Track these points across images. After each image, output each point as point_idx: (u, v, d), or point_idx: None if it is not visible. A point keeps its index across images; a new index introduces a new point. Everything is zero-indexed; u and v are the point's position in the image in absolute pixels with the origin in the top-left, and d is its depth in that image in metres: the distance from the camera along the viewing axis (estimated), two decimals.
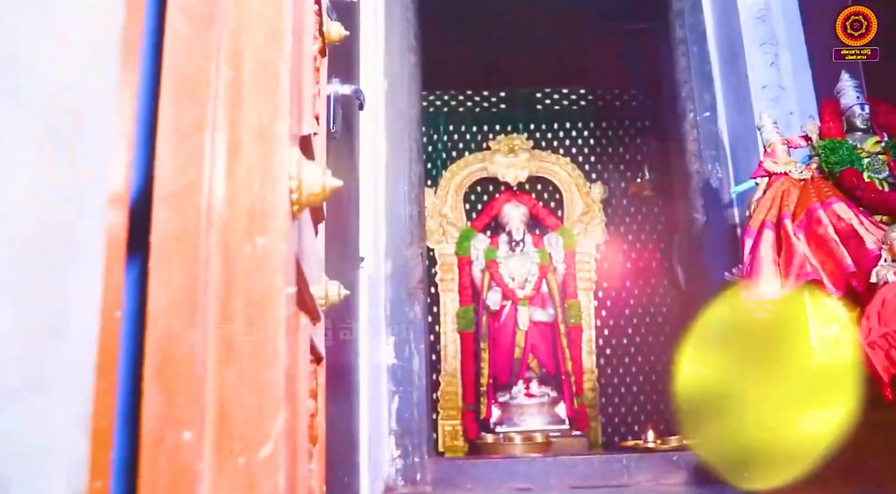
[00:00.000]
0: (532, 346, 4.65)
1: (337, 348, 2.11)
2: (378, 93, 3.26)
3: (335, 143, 2.26)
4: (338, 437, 2.15)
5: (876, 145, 2.44)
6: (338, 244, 2.31)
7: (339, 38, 1.39)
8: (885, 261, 1.89)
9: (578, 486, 2.89)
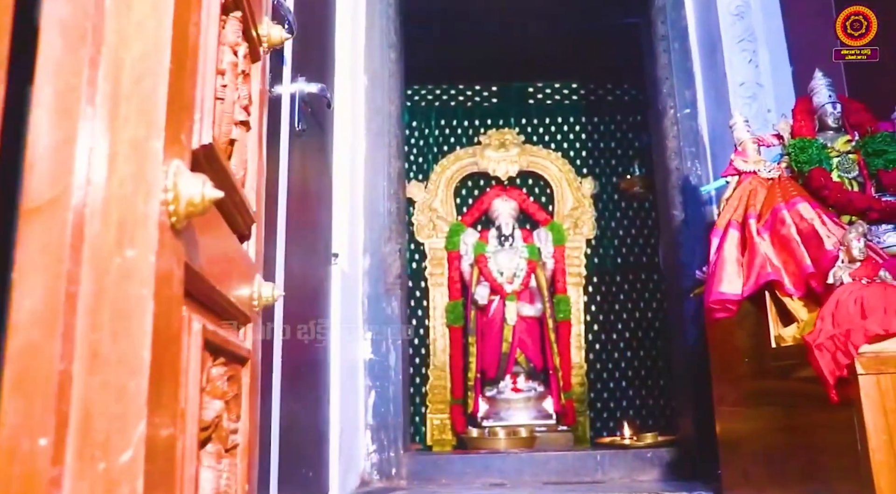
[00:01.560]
0: (520, 341, 4.66)
1: (298, 345, 2.13)
2: (358, 90, 3.27)
3: (306, 141, 2.28)
4: (301, 433, 2.18)
5: (846, 144, 2.43)
6: (307, 241, 2.33)
7: (281, 41, 1.40)
8: (843, 263, 1.88)
9: (552, 482, 2.91)
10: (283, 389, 1.92)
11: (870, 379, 1.57)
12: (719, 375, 2.42)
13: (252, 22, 1.20)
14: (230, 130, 1.06)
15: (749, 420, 2.23)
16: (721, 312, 2.16)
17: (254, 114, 1.25)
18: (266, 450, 1.77)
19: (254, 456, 1.20)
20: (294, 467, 2.08)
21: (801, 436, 1.86)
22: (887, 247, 2.12)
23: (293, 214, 2.07)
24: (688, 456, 2.90)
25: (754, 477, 2.20)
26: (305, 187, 2.32)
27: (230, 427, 1.08)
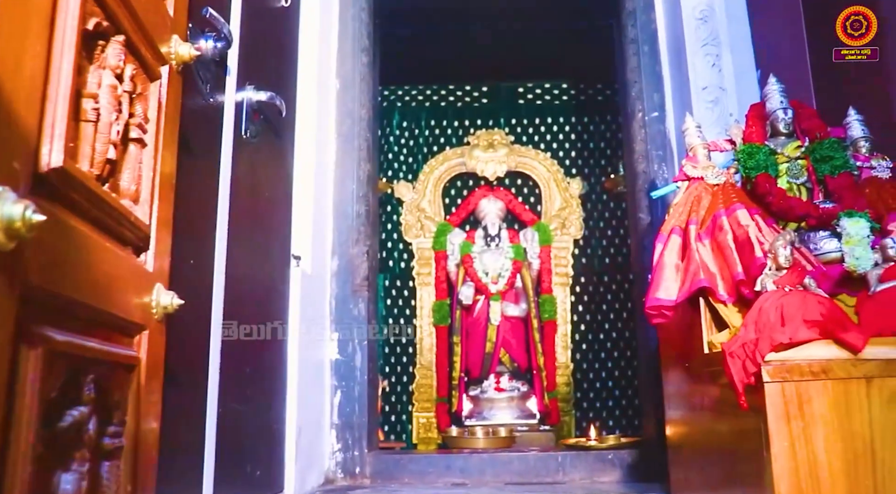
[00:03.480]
0: (504, 341, 4.70)
1: (245, 347, 2.18)
2: (330, 94, 3.32)
3: (258, 147, 2.34)
4: (248, 432, 2.23)
5: (796, 150, 2.44)
6: (258, 245, 2.39)
7: (190, 58, 1.45)
8: (770, 270, 1.90)
9: (513, 482, 2.94)
10: (224, 390, 1.97)
11: (775, 386, 1.59)
12: (667, 379, 2.44)
13: (145, 43, 1.25)
14: (106, 150, 1.11)
15: (688, 424, 2.25)
16: (658, 318, 2.18)
17: (150, 130, 1.30)
18: (198, 450, 1.82)
19: (145, 457, 1.26)
20: (237, 466, 2.13)
21: (726, 442, 1.89)
22: (824, 253, 2.13)
23: (240, 219, 2.12)
24: (649, 458, 2.92)
25: (693, 482, 2.23)
26: (257, 192, 2.37)
27: (108, 431, 1.13)
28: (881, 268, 1.90)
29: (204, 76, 1.88)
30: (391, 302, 5.15)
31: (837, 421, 1.57)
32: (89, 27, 1.03)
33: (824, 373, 1.60)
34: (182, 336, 1.74)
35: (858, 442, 1.55)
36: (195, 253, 1.84)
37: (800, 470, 1.55)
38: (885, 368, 1.59)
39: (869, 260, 1.95)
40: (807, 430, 1.56)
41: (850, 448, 1.55)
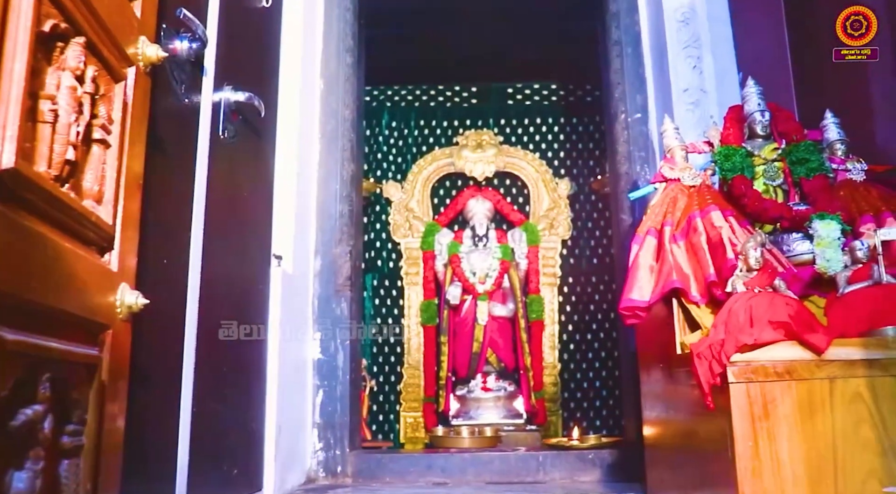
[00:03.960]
0: (491, 341, 4.71)
1: (222, 346, 2.19)
2: (314, 94, 3.33)
3: (236, 147, 2.34)
4: (225, 431, 2.24)
5: (773, 152, 2.45)
6: (236, 245, 2.39)
7: (158, 59, 1.46)
8: (740, 271, 1.91)
9: (494, 481, 2.96)
10: (200, 389, 1.98)
11: (740, 387, 1.61)
12: (644, 379, 2.46)
13: (108, 44, 1.26)
14: (65, 151, 1.12)
15: (664, 424, 2.27)
16: (631, 319, 2.20)
17: (115, 131, 1.31)
18: (171, 448, 1.83)
19: (108, 456, 1.27)
20: (213, 464, 2.14)
21: (696, 443, 1.90)
22: (797, 255, 2.15)
23: (217, 219, 2.13)
24: (628, 458, 2.94)
25: (668, 482, 2.24)
26: (235, 192, 2.38)
27: (66, 429, 1.14)
28: (850, 270, 1.92)
29: (178, 77, 1.89)
30: (379, 301, 5.16)
31: (801, 422, 1.58)
32: (45, 29, 1.04)
33: (789, 374, 1.61)
34: (155, 335, 1.75)
35: (821, 442, 1.57)
36: (169, 252, 1.85)
37: (763, 470, 1.56)
38: (848, 369, 1.60)
39: (839, 262, 1.97)
40: (771, 430, 1.58)
41: (813, 448, 1.57)
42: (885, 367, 1.60)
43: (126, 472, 1.41)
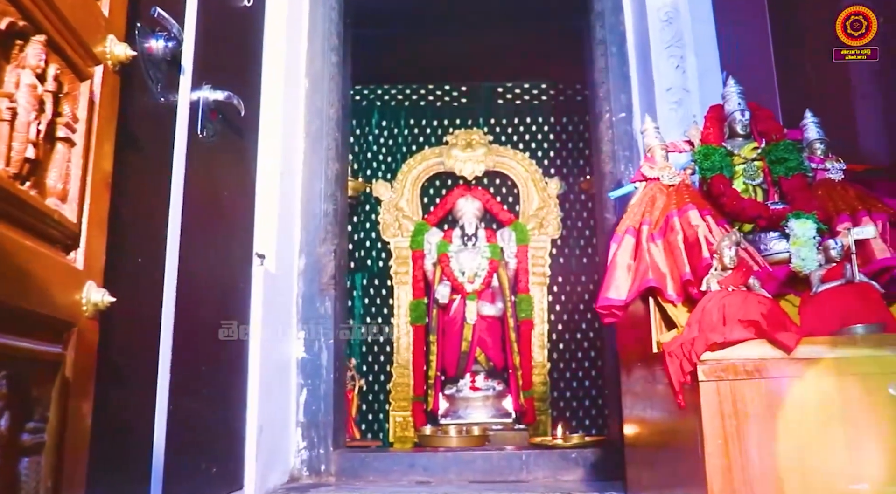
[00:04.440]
0: (480, 340, 4.71)
1: (200, 345, 2.19)
2: (299, 93, 3.33)
3: (216, 146, 2.35)
4: (204, 430, 2.24)
5: (753, 151, 2.46)
6: (216, 244, 2.39)
7: (126, 58, 1.46)
8: (715, 270, 1.92)
9: (477, 480, 2.96)
10: (177, 387, 1.98)
11: (710, 385, 1.61)
12: (624, 378, 2.46)
13: (72, 42, 1.26)
14: (24, 149, 1.12)
15: (642, 423, 2.27)
16: (608, 317, 2.20)
17: (80, 129, 1.31)
18: (146, 446, 1.83)
19: (72, 453, 1.27)
20: (191, 463, 2.14)
21: (670, 441, 1.91)
22: (774, 254, 2.16)
23: (196, 217, 2.14)
24: (611, 457, 2.94)
25: (645, 480, 2.25)
26: (215, 191, 2.38)
27: (26, 427, 1.14)
28: (824, 269, 1.92)
29: (154, 75, 1.89)
30: (369, 301, 5.17)
31: (770, 420, 1.59)
32: (2, 27, 1.04)
33: (758, 373, 1.62)
34: (129, 332, 1.75)
35: (790, 441, 1.57)
36: (144, 250, 1.85)
37: (732, 468, 1.57)
38: (817, 367, 1.61)
39: (814, 261, 1.97)
40: (740, 428, 1.58)
41: (782, 446, 1.57)
42: (854, 366, 1.60)
43: (97, 470, 1.41)
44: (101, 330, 1.41)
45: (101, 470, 1.48)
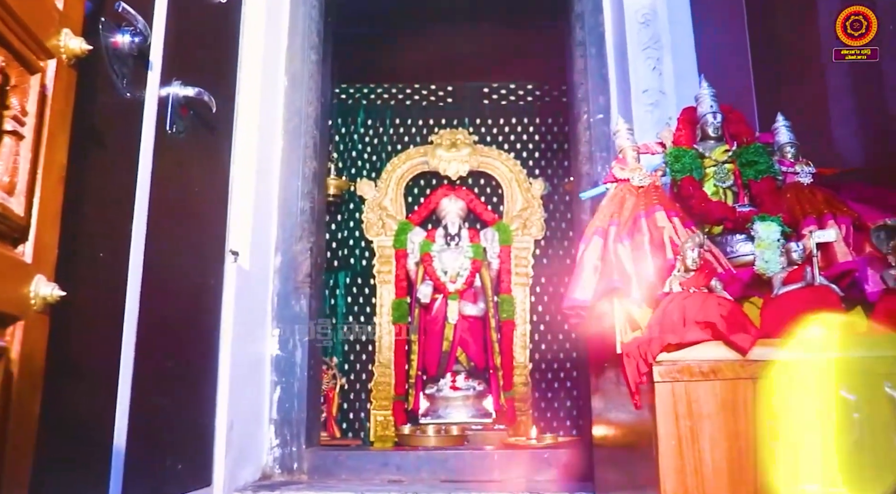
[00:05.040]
0: (461, 340, 4.71)
1: (167, 342, 2.19)
2: (278, 91, 3.33)
3: (187, 142, 2.34)
4: (170, 427, 2.24)
5: (724, 154, 2.47)
6: (185, 240, 2.39)
7: (82, 52, 1.46)
8: (678, 272, 1.92)
9: (449, 480, 2.96)
10: (141, 383, 1.98)
11: (665, 386, 1.62)
12: (593, 379, 2.47)
13: (20, 35, 1.26)
14: None
15: (607, 424, 2.27)
16: (574, 318, 2.21)
17: (30, 123, 1.31)
18: (106, 443, 1.83)
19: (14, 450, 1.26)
20: (155, 460, 2.14)
21: (630, 442, 1.91)
22: (739, 256, 2.17)
23: (164, 214, 2.13)
24: (583, 457, 2.94)
25: (611, 481, 2.25)
26: (185, 187, 2.38)
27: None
28: (786, 272, 1.93)
29: (119, 70, 1.89)
30: (351, 299, 5.16)
31: (723, 421, 1.59)
32: None
33: (714, 374, 1.62)
34: (89, 327, 1.75)
35: (742, 442, 1.58)
36: (107, 246, 1.84)
37: (686, 469, 1.57)
38: (774, 368, 1.61)
39: (777, 264, 1.98)
40: (694, 429, 1.59)
41: (735, 446, 1.58)
42: (808, 367, 1.61)
43: (46, 468, 1.41)
44: (54, 325, 1.40)
45: (51, 468, 1.47)
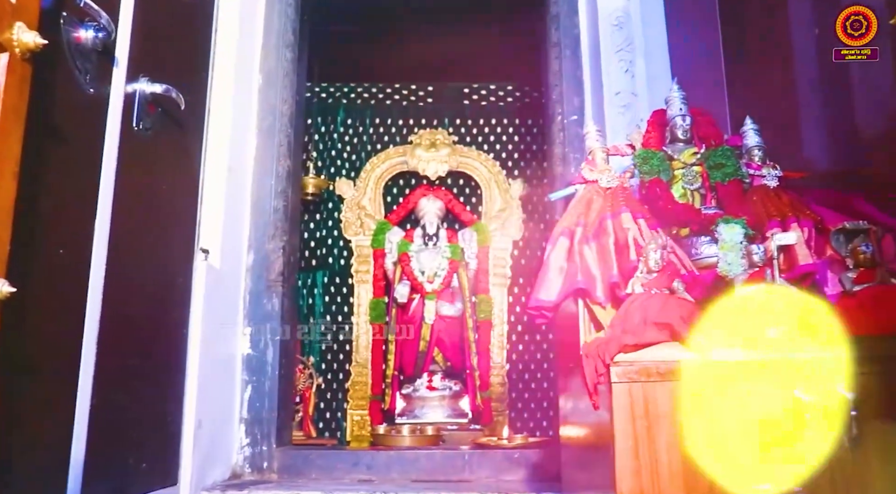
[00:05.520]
0: (438, 340, 4.72)
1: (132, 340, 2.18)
2: (252, 89, 3.32)
3: (155, 140, 2.33)
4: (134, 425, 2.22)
5: (692, 156, 2.48)
6: (153, 238, 2.37)
7: (36, 46, 1.45)
8: (640, 273, 1.94)
9: (419, 480, 2.96)
10: (102, 382, 1.96)
11: (622, 387, 1.62)
12: (561, 379, 2.48)
13: None
14: None
15: (573, 424, 2.28)
16: (539, 318, 2.21)
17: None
18: (64, 442, 1.81)
19: None
20: (117, 458, 2.12)
21: (592, 442, 1.92)
22: (703, 258, 2.18)
23: (128, 211, 2.12)
24: (552, 458, 2.95)
25: (577, 481, 2.26)
26: (152, 185, 2.36)
27: None
28: (747, 274, 1.94)
29: (82, 66, 1.87)
30: (329, 299, 5.16)
31: (681, 422, 1.60)
32: None
33: (671, 375, 1.63)
34: (46, 325, 1.73)
35: (700, 442, 1.59)
36: (67, 242, 1.83)
37: (642, 470, 1.58)
38: (729, 370, 1.63)
39: (739, 266, 1.99)
40: (651, 430, 1.60)
41: (692, 447, 1.59)
42: (765, 368, 1.62)
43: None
44: (7, 322, 1.39)
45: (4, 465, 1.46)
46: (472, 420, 4.65)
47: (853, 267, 1.92)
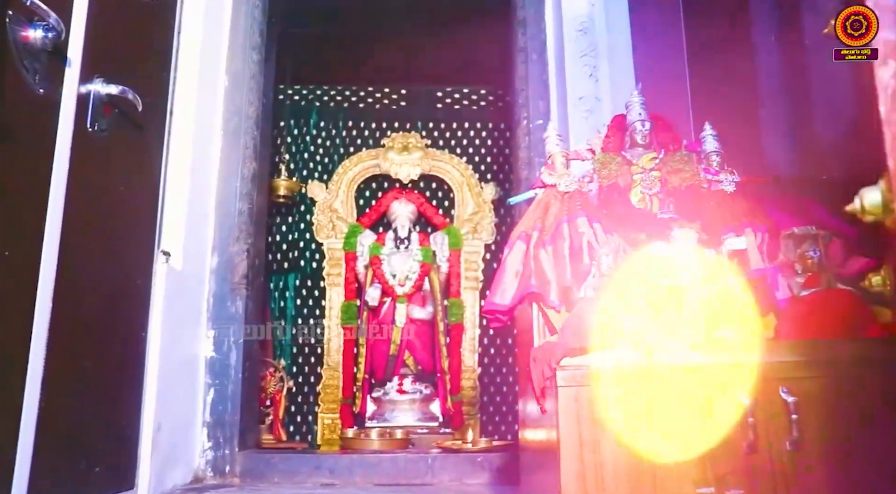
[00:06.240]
0: (408, 343, 4.71)
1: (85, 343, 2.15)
2: (218, 90, 3.30)
3: (111, 141, 2.31)
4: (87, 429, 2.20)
5: (651, 161, 2.49)
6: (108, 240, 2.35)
7: None
8: (593, 277, 1.95)
9: (382, 483, 2.95)
10: (53, 384, 1.94)
11: (569, 391, 1.63)
12: (521, 383, 2.49)
13: None
14: None
15: (530, 428, 2.29)
16: (494, 322, 2.22)
17: None
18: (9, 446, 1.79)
19: None
20: (68, 462, 2.10)
21: (543, 446, 1.92)
22: None
23: (81, 213, 2.10)
24: (515, 461, 2.95)
25: (535, 484, 2.26)
26: (108, 187, 2.34)
27: None
28: None
29: (30, 66, 1.85)
30: (301, 301, 5.14)
31: (626, 426, 1.61)
32: None
33: (617, 378, 1.64)
34: None
35: (644, 445, 1.60)
36: (12, 244, 1.81)
37: (587, 474, 1.58)
38: (679, 373, 1.64)
39: None
40: (596, 434, 1.60)
41: (636, 450, 1.59)
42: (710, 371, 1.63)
43: None
44: None
45: None
46: (443, 424, 4.64)
47: (801, 271, 1.95)
